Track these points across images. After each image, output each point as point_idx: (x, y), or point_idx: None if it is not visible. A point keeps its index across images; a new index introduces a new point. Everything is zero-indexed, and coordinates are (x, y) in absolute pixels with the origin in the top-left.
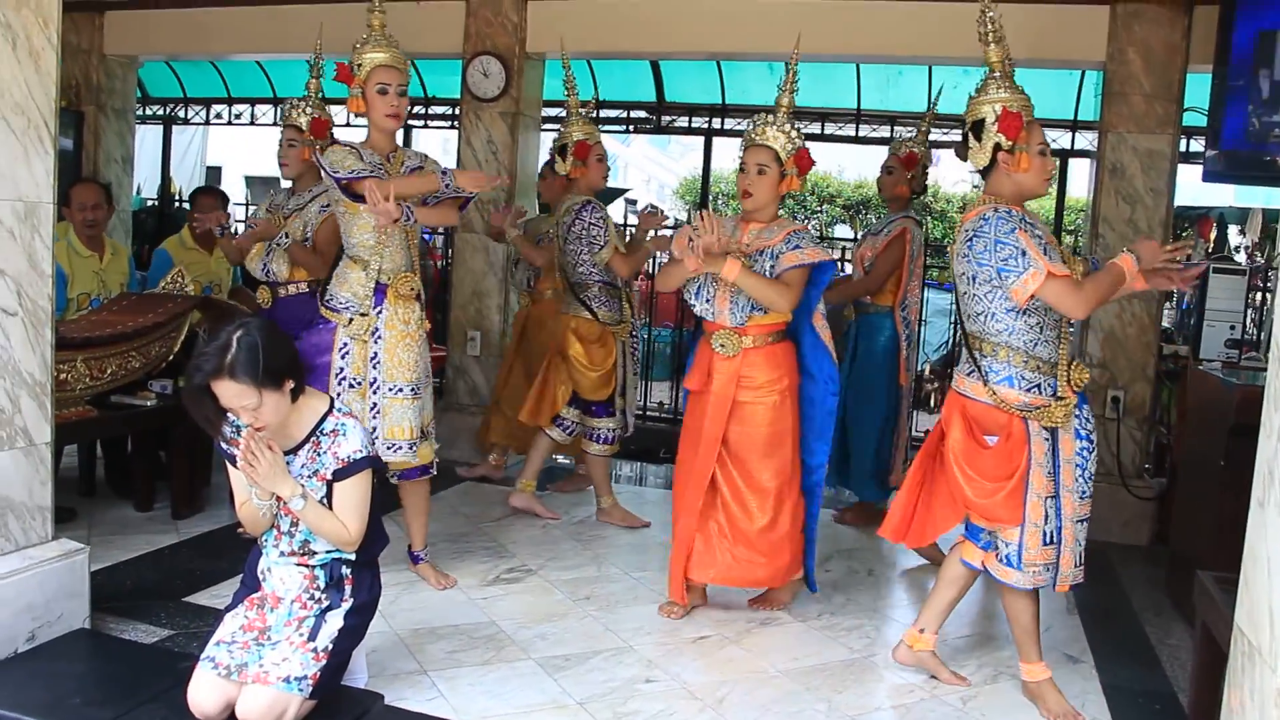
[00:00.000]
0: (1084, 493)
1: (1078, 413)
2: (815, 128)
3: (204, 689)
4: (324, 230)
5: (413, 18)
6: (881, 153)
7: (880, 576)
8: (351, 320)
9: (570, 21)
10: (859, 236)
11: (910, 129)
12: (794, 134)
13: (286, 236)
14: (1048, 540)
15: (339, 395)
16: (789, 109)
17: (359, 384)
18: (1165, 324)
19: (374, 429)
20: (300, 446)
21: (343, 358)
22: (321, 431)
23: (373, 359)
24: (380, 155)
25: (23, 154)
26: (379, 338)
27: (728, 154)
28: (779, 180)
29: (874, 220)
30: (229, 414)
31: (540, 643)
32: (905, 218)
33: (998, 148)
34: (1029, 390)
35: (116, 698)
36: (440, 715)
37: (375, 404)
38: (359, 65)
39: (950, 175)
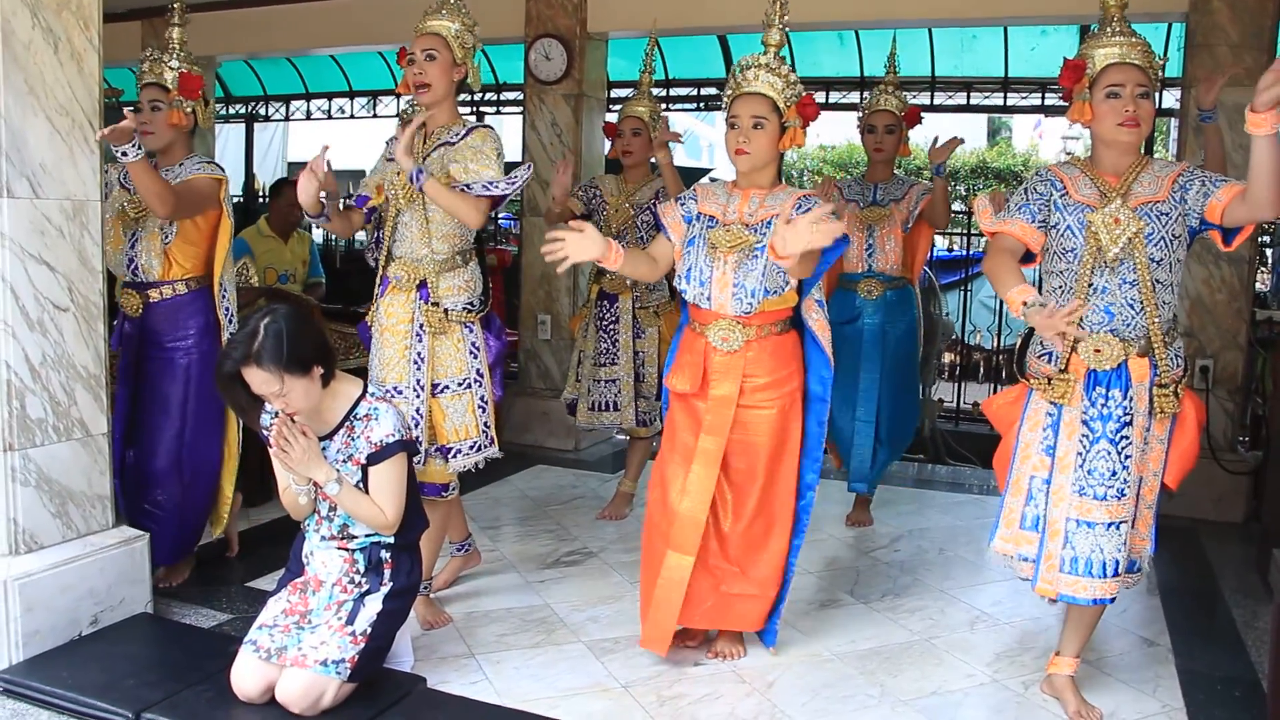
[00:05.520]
0: (1096, 493)
1: (1092, 398)
2: None
3: (245, 671)
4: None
5: (474, 2)
6: (959, 120)
7: (951, 556)
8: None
9: None
10: (870, 201)
11: (983, 94)
12: (791, 77)
13: (137, 221)
14: (1028, 524)
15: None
16: (778, 47)
17: (370, 381)
18: (1259, 288)
19: None
20: (335, 432)
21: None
22: (355, 416)
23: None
24: (425, 130)
25: (68, 154)
26: (375, 332)
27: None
28: (779, 135)
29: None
30: (265, 402)
31: (592, 626)
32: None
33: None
34: (1040, 357)
35: (169, 680)
36: (482, 699)
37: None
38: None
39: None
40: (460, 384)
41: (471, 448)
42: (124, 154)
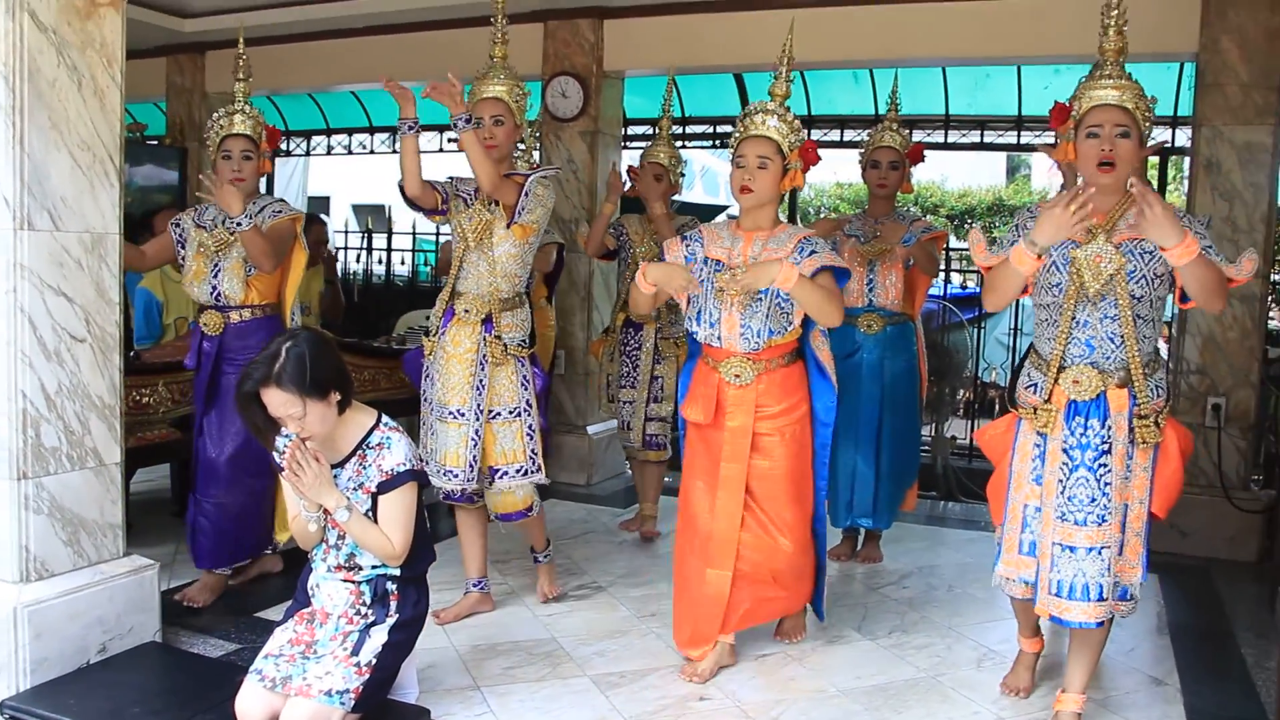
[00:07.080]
0: (1077, 518)
1: (1071, 427)
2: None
3: (250, 700)
4: (274, 230)
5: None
6: (974, 158)
7: (960, 593)
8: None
9: (648, 38)
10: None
11: (997, 132)
12: (795, 124)
13: (218, 253)
14: (1024, 550)
15: (426, 416)
16: (784, 97)
17: (429, 403)
18: (1272, 325)
19: (432, 450)
20: (347, 460)
21: (426, 378)
22: (368, 445)
23: (429, 379)
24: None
25: (89, 187)
26: (438, 359)
27: (823, 165)
28: (781, 175)
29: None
30: (281, 426)
31: (598, 659)
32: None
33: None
34: (1028, 388)
35: (175, 708)
36: None
37: (430, 424)
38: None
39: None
40: (511, 412)
41: (518, 472)
42: (238, 224)
